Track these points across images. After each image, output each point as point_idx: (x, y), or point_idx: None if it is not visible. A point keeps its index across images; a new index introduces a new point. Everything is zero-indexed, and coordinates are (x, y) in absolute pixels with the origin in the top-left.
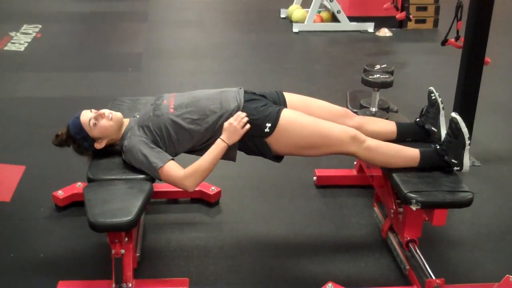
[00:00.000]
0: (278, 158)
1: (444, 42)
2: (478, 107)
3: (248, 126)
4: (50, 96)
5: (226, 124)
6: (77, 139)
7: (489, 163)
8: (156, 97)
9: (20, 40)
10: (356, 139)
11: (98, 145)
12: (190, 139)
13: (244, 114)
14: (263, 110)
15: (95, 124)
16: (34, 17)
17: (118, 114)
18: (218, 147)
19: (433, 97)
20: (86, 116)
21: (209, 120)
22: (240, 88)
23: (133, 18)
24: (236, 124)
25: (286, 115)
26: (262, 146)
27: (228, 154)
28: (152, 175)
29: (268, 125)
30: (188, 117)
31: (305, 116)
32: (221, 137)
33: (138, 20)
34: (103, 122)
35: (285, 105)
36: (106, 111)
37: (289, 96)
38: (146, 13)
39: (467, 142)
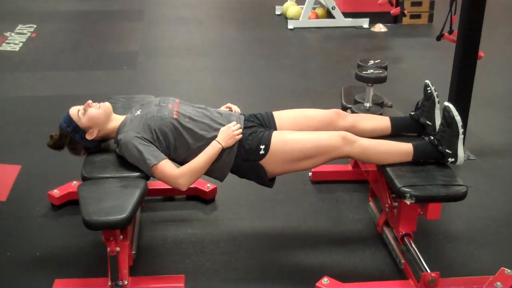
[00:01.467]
0: (271, 181)
1: (440, 37)
2: (472, 101)
3: (241, 136)
4: (46, 95)
5: (224, 127)
6: (68, 132)
7: (484, 157)
8: (161, 99)
9: (15, 40)
10: (346, 140)
11: (89, 136)
12: (187, 147)
13: (239, 125)
14: (257, 135)
15: (83, 114)
16: (28, 17)
17: (106, 103)
18: (213, 148)
19: (429, 91)
20: (75, 108)
21: (208, 137)
22: (241, 114)
23: (129, 17)
24: (234, 129)
25: (277, 135)
26: (258, 170)
27: (219, 172)
28: (146, 171)
29: (262, 147)
30: (189, 128)
31: (295, 132)
32: (216, 139)
33: (134, 18)
34: (91, 110)
35: (274, 126)
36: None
37: (278, 116)
38: (141, 11)
39: (461, 130)
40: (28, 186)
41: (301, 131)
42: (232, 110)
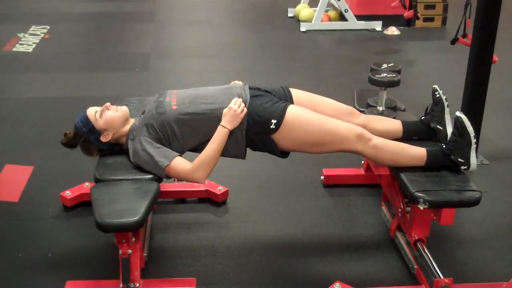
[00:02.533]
0: (284, 154)
1: (454, 41)
2: (486, 105)
3: (245, 110)
4: (58, 97)
5: (225, 109)
6: (84, 132)
7: (498, 161)
8: (159, 94)
9: (28, 41)
10: (362, 137)
11: (104, 138)
12: (195, 134)
13: (240, 99)
14: (269, 106)
15: (101, 115)
16: (42, 18)
17: (124, 107)
18: (220, 134)
19: (437, 95)
20: (93, 109)
21: (213, 115)
22: (245, 84)
23: (140, 18)
24: (236, 108)
25: (292, 111)
26: (268, 143)
27: (236, 150)
28: (160, 174)
29: (274, 121)
30: (191, 112)
31: (312, 112)
32: (221, 123)
33: (145, 20)
34: (109, 113)
35: (291, 101)
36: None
37: (295, 92)
38: (153, 13)
39: (473, 140)
40: (40, 187)
41: (318, 114)
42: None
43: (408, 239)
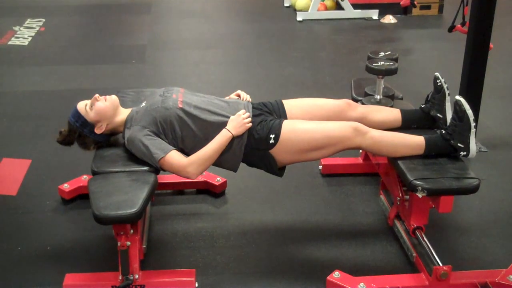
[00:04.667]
0: (281, 170)
1: (451, 29)
2: (484, 92)
3: (250, 124)
4: (55, 89)
5: (233, 116)
6: (77, 127)
7: (496, 149)
8: (165, 89)
9: (24, 34)
10: (358, 131)
11: (98, 130)
12: (193, 137)
13: (248, 113)
14: (267, 124)
15: (91, 108)
16: (37, 11)
17: (113, 96)
18: (223, 137)
19: (439, 83)
20: (83, 103)
21: (215, 125)
22: (249, 102)
23: (137, 10)
24: (244, 117)
25: (287, 124)
26: (267, 159)
27: (231, 163)
28: (154, 165)
29: (272, 136)
30: (195, 116)
31: (306, 122)
32: (226, 127)
33: (142, 11)
34: (99, 104)
35: (285, 115)
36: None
37: (288, 104)
38: (149, 5)
39: (472, 124)
40: (38, 180)
41: (312, 121)
42: (241, 97)
43: (406, 227)
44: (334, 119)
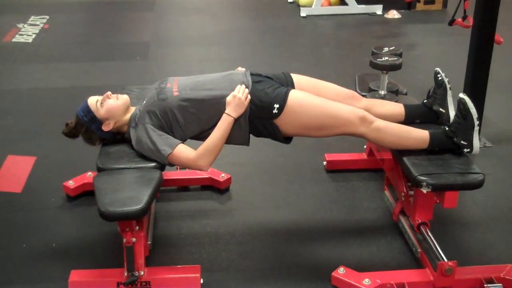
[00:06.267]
0: (287, 139)
1: (452, 22)
2: (489, 87)
3: (249, 97)
4: (59, 87)
5: (229, 97)
6: (85, 122)
7: (501, 144)
8: (160, 81)
9: (28, 31)
10: (365, 120)
11: (106, 127)
12: (198, 121)
13: (244, 86)
14: (271, 91)
15: (102, 104)
16: (41, 8)
17: (124, 96)
18: (225, 122)
19: (440, 78)
20: (94, 98)
21: (215, 101)
22: (246, 70)
23: (140, 7)
24: (240, 95)
25: (294, 96)
26: (272, 128)
27: (240, 137)
28: (162, 162)
29: (276, 106)
30: (193, 98)
31: (314, 96)
32: (226, 111)
33: (145, 8)
34: (110, 101)
35: (292, 85)
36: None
37: (296, 78)
38: (153, 2)
39: (476, 122)
40: (43, 177)
41: (320, 97)
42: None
43: (411, 223)
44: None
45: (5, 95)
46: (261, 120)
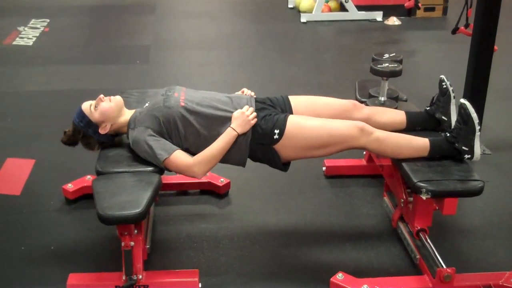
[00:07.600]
0: (285, 165)
1: (455, 31)
2: (488, 95)
3: (256, 120)
4: (59, 90)
5: (237, 113)
6: (81, 127)
7: (500, 151)
8: (167, 88)
9: (29, 34)
10: (364, 131)
11: (103, 130)
12: (197, 136)
13: (252, 108)
14: (271, 118)
15: (95, 108)
16: (42, 12)
17: (117, 97)
18: (228, 135)
19: (444, 86)
20: (87, 103)
21: (219, 121)
22: (251, 97)
23: (141, 10)
24: (248, 114)
25: (292, 120)
26: (271, 154)
27: (237, 159)
28: (159, 166)
29: (277, 131)
30: (198, 112)
31: (311, 118)
32: (231, 125)
33: (146, 12)
34: (103, 104)
35: (290, 110)
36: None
37: (294, 100)
38: (153, 5)
39: (477, 127)
40: (42, 180)
41: (318, 118)
42: (244, 93)
43: (410, 229)
44: (339, 118)
45: (5, 97)
46: (261, 146)
